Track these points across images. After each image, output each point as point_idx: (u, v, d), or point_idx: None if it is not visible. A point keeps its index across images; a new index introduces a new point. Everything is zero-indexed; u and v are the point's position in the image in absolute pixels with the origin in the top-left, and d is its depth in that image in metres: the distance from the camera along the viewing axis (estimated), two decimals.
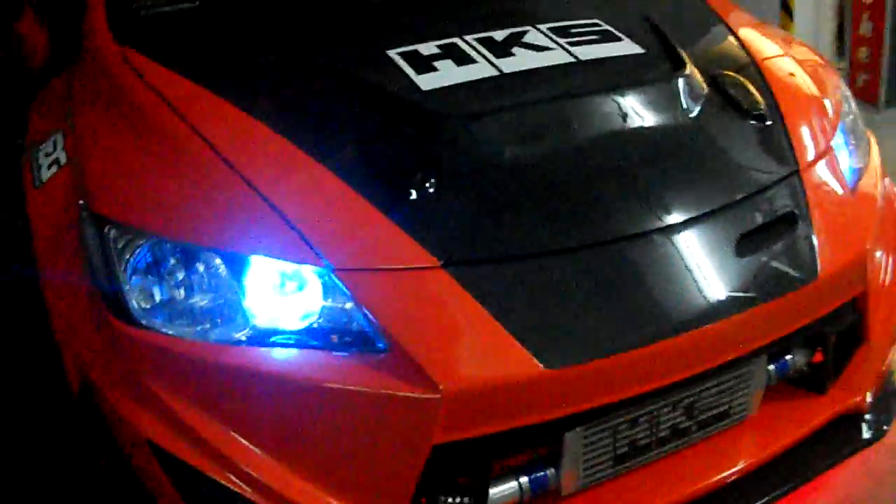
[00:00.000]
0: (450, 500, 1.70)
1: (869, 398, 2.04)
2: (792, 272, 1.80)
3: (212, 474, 1.65)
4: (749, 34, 2.32)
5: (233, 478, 1.64)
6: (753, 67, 2.15)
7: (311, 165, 1.77)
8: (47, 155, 2.06)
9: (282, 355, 1.63)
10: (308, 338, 1.64)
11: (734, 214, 1.81)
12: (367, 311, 1.60)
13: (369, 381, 1.59)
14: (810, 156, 1.98)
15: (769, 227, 1.84)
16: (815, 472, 1.96)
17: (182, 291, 1.69)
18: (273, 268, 1.66)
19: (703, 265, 1.74)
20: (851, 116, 2.19)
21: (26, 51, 2.41)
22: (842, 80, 2.31)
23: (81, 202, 1.83)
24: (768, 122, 2.00)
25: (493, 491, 1.73)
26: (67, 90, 2.22)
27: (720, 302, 1.72)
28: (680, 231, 1.76)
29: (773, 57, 2.22)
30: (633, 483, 1.84)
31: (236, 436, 1.64)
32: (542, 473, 1.76)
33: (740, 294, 1.74)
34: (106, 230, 1.75)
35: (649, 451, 1.83)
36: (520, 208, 1.74)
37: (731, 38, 2.29)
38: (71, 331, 1.86)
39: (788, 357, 1.96)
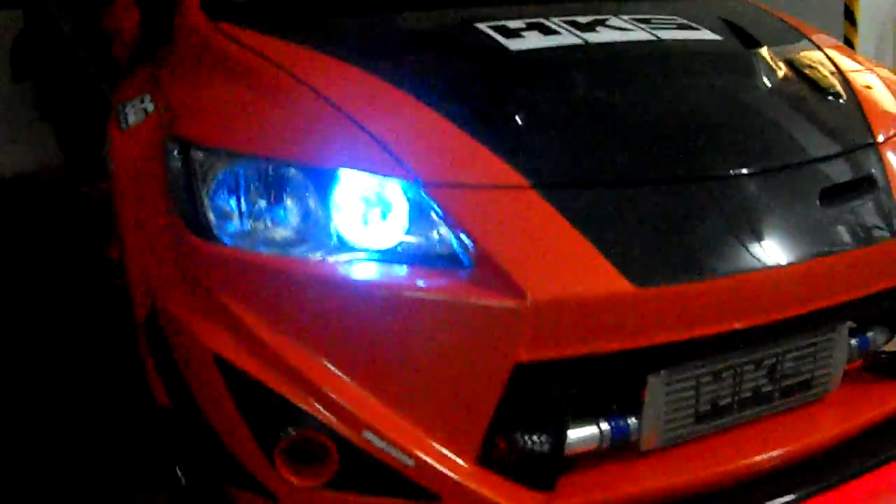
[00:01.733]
0: (527, 438, 1.63)
1: None
2: (872, 228, 1.83)
3: (278, 389, 1.59)
4: (830, 49, 2.38)
5: (301, 394, 1.58)
6: (828, 61, 2.22)
7: (394, 92, 1.80)
8: (134, 107, 2.10)
9: (365, 268, 1.60)
10: (393, 254, 1.62)
11: (813, 170, 1.85)
12: (454, 224, 1.58)
13: (454, 291, 1.56)
14: (886, 134, 2.01)
15: (849, 186, 1.86)
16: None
17: (266, 208, 1.68)
18: (358, 183, 1.66)
19: (786, 209, 1.75)
20: None
21: (115, 37, 2.50)
22: None
23: (168, 133, 1.86)
24: (843, 101, 2.06)
25: (573, 434, 1.66)
26: (153, 67, 2.30)
27: (803, 244, 1.72)
28: (760, 176, 1.78)
29: (853, 69, 2.27)
30: (712, 449, 1.77)
31: (311, 352, 1.59)
32: (623, 423, 1.69)
33: (822, 240, 1.75)
34: (192, 153, 1.77)
35: (730, 413, 1.76)
36: (609, 143, 1.77)
37: (810, 44, 2.37)
38: (144, 261, 1.84)
39: (870, 334, 1.93)
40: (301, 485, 1.61)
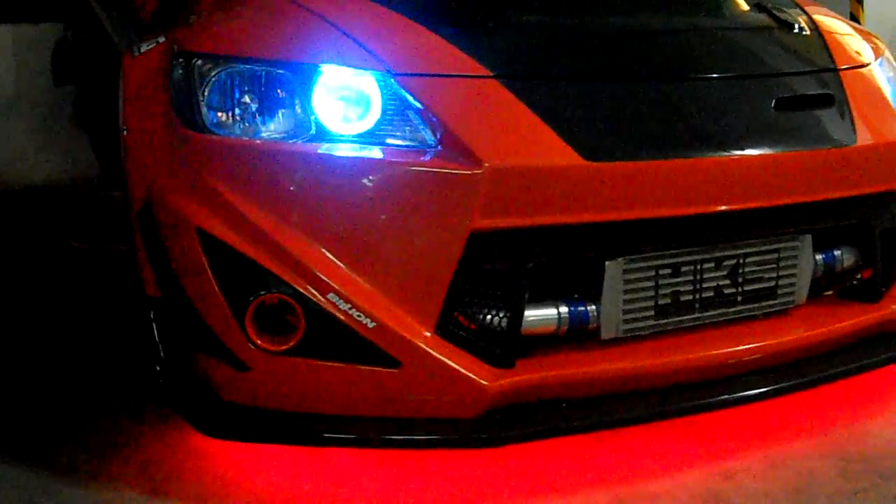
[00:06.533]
0: (486, 312, 1.70)
1: None
2: (826, 136, 1.92)
3: (251, 255, 1.68)
4: (806, 6, 2.44)
5: (273, 259, 1.68)
6: (799, 7, 2.31)
7: (367, 3, 1.95)
8: (148, 42, 2.25)
9: (339, 147, 1.71)
10: (367, 137, 1.72)
11: (770, 81, 1.95)
12: (422, 109, 1.70)
13: (419, 163, 1.66)
14: (848, 63, 2.10)
15: (806, 98, 1.96)
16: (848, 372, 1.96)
17: (253, 103, 1.81)
18: (337, 76, 1.77)
19: (740, 110, 1.85)
20: (893, 64, 2.30)
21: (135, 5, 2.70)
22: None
23: (175, 49, 2.01)
24: (807, 34, 2.15)
25: (531, 312, 1.73)
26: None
27: (753, 140, 1.82)
28: (715, 81, 1.90)
29: (823, 16, 2.34)
30: (674, 344, 1.81)
31: (284, 222, 1.68)
32: (582, 308, 1.76)
33: (773, 139, 1.85)
34: (192, 61, 1.92)
35: (692, 310, 1.81)
36: (571, 44, 1.90)
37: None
38: (143, 159, 1.95)
39: (836, 252, 1.98)
40: (268, 347, 1.69)
